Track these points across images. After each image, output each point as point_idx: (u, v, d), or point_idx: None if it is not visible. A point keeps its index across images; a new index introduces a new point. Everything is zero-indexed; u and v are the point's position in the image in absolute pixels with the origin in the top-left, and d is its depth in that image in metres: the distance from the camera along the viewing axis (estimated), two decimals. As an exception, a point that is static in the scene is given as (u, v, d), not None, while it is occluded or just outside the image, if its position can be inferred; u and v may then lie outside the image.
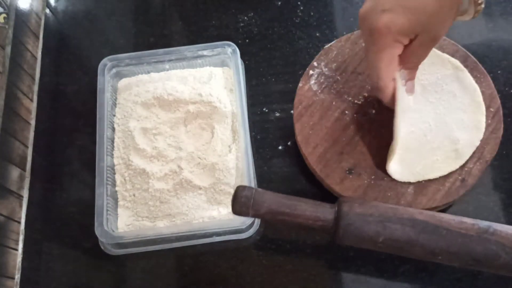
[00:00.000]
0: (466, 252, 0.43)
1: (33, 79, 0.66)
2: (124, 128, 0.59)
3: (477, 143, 0.52)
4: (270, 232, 0.55)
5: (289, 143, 0.60)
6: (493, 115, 0.54)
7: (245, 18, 0.68)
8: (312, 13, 0.68)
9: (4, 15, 0.63)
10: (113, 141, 0.59)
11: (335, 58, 0.58)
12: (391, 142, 0.52)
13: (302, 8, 0.68)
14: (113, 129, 0.60)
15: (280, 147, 0.60)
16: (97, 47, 0.68)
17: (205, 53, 0.62)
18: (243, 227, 0.53)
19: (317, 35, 0.66)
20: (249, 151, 0.56)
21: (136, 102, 0.60)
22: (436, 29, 0.44)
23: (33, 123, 0.64)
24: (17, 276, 0.56)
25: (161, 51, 0.62)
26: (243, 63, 0.64)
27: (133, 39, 0.68)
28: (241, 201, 0.44)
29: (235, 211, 0.45)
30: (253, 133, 0.60)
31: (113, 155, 0.59)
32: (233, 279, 0.54)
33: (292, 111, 0.57)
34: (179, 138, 0.58)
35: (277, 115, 0.61)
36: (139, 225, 0.55)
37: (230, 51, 0.61)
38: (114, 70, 0.62)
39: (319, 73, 0.58)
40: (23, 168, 0.60)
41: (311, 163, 0.53)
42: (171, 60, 0.62)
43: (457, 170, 0.51)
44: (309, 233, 0.54)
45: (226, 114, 0.58)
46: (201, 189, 0.56)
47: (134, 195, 0.56)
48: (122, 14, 0.71)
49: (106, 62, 0.61)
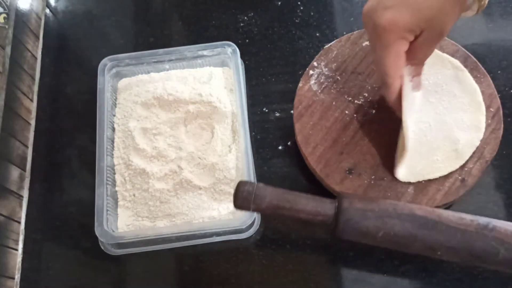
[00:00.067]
0: (465, 247, 0.43)
1: (33, 79, 0.66)
2: (124, 128, 0.59)
3: (477, 143, 0.52)
4: (270, 232, 0.55)
5: (289, 143, 0.59)
6: (493, 115, 0.54)
7: (245, 18, 0.68)
8: (312, 13, 0.68)
9: (4, 15, 0.63)
10: (113, 141, 0.59)
11: (335, 58, 0.58)
12: (391, 142, 0.52)
13: (302, 8, 0.68)
14: (113, 129, 0.60)
15: (280, 147, 0.60)
16: (97, 47, 0.68)
17: (205, 53, 0.62)
18: (243, 227, 0.53)
19: (317, 35, 0.66)
20: (249, 151, 0.56)
21: (136, 102, 0.60)
22: (441, 24, 0.44)
23: (33, 123, 0.64)
24: (17, 276, 0.56)
25: (161, 51, 0.62)
26: (243, 63, 0.64)
27: (133, 39, 0.68)
28: (242, 195, 0.44)
29: (237, 205, 0.45)
30: (253, 133, 0.60)
31: (113, 155, 0.59)
32: (233, 279, 0.54)
33: (292, 111, 0.57)
34: (179, 138, 0.58)
35: (277, 115, 0.61)
36: (139, 225, 0.55)
37: (230, 51, 0.61)
38: (114, 70, 0.62)
39: (319, 73, 0.58)
40: (23, 168, 0.60)
41: (311, 163, 0.53)
42: (171, 60, 0.62)
43: (457, 170, 0.51)
44: (309, 231, 0.54)
45: (226, 114, 0.58)
46: (201, 189, 0.56)
47: (134, 195, 0.56)
48: (122, 14, 0.71)
49: (106, 62, 0.61)
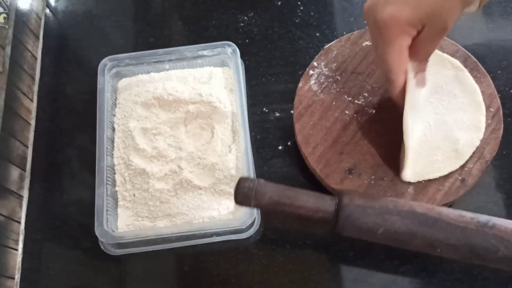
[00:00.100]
0: (465, 245, 0.43)
1: (33, 79, 0.66)
2: (124, 128, 0.59)
3: (477, 143, 0.52)
4: (270, 232, 0.55)
5: (289, 143, 0.59)
6: (493, 115, 0.54)
7: (245, 18, 0.68)
8: (312, 13, 0.68)
9: (4, 15, 0.63)
10: (113, 141, 0.59)
11: (335, 58, 0.58)
12: (391, 142, 0.52)
13: (302, 8, 0.68)
14: (113, 129, 0.60)
15: (280, 147, 0.60)
16: (97, 47, 0.68)
17: (205, 53, 0.62)
18: (243, 227, 0.53)
19: (317, 35, 0.66)
20: (249, 151, 0.56)
21: (136, 102, 0.60)
22: (442, 19, 0.44)
23: (33, 123, 0.64)
24: (17, 276, 0.56)
25: (161, 51, 0.62)
26: (243, 63, 0.64)
27: (133, 39, 0.68)
28: (243, 191, 0.44)
29: (238, 201, 0.45)
30: (253, 133, 0.60)
31: (113, 155, 0.59)
32: (233, 279, 0.54)
33: (292, 111, 0.57)
34: (179, 138, 0.58)
35: (277, 115, 0.61)
36: (139, 225, 0.55)
37: (230, 51, 0.61)
38: (114, 70, 0.62)
39: (319, 73, 0.58)
40: (23, 168, 0.60)
41: (311, 163, 0.53)
42: (171, 60, 0.62)
43: (457, 170, 0.51)
44: (309, 228, 0.54)
45: (226, 114, 0.58)
46: (201, 189, 0.56)
47: (134, 195, 0.56)
48: (122, 14, 0.71)
49: (106, 62, 0.61)
